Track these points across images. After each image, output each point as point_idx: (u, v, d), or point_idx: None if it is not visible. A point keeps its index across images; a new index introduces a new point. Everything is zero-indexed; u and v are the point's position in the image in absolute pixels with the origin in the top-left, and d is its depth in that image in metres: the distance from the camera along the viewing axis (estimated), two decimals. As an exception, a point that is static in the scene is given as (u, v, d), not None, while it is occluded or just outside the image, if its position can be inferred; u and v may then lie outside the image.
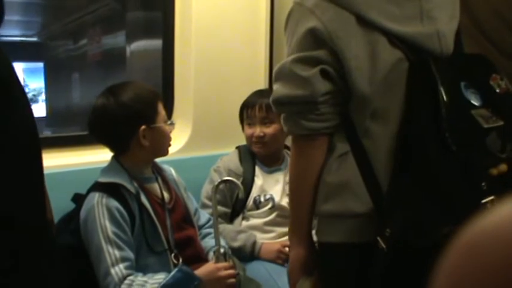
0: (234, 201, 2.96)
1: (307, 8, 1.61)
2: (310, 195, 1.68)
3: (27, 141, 1.02)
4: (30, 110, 1.02)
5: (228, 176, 2.91)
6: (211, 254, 2.54)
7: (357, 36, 1.58)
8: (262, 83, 3.49)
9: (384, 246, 1.53)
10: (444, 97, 1.54)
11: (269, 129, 3.00)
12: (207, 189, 2.99)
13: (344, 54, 1.56)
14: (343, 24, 1.58)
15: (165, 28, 3.37)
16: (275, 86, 1.66)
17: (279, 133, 3.01)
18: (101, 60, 4.56)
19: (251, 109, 3.03)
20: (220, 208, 2.86)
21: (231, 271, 2.43)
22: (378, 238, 1.54)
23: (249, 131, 3.03)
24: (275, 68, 1.67)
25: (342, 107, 1.62)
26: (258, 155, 3.05)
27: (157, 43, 3.53)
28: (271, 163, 3.07)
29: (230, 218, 2.97)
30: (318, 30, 1.57)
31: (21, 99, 0.99)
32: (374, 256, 1.56)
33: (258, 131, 3.00)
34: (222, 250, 2.49)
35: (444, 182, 1.54)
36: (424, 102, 1.58)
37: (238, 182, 2.67)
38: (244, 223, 2.96)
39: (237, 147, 3.09)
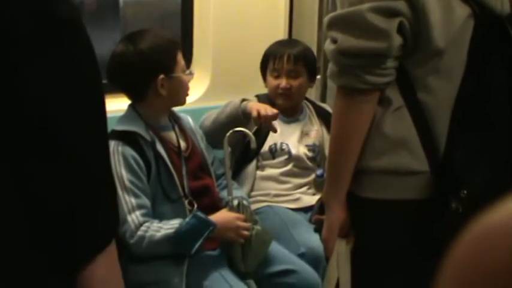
0: (241, 150, 2.93)
1: None
2: (358, 151, 1.60)
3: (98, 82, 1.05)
4: (94, 54, 1.04)
5: None
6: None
7: None
8: (282, 32, 3.45)
9: (460, 207, 1.49)
10: None
11: (295, 82, 2.95)
12: None
13: (425, 7, 1.48)
14: None
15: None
16: (338, 35, 1.53)
17: (304, 86, 2.98)
18: (95, 10, 4.53)
19: (278, 60, 2.96)
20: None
21: (243, 223, 2.46)
22: (451, 198, 1.50)
23: (274, 82, 2.97)
24: (334, 14, 1.55)
25: (401, 61, 1.56)
26: (279, 105, 2.97)
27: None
28: (292, 114, 3.05)
29: (239, 165, 2.94)
30: None
31: (87, 43, 1.01)
32: (443, 216, 1.51)
33: (284, 83, 2.94)
34: (235, 201, 2.51)
35: None
36: (495, 59, 1.54)
37: (250, 133, 2.64)
38: (259, 173, 2.95)
39: (256, 96, 3.05)
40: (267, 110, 2.67)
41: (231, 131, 2.61)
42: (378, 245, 1.68)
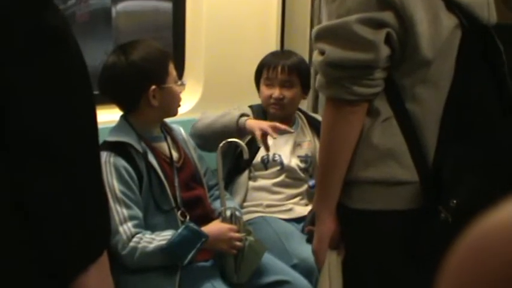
0: (233, 160, 2.93)
1: None
2: (347, 162, 1.60)
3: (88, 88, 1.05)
4: (84, 63, 1.04)
5: None
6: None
7: (420, 0, 1.52)
8: (274, 43, 3.46)
9: (449, 217, 1.49)
10: (506, 62, 1.52)
11: (289, 93, 2.96)
12: None
13: (412, 18, 1.49)
14: None
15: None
16: (325, 46, 1.54)
17: (297, 97, 2.98)
18: (89, 21, 4.53)
19: (272, 70, 2.96)
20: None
21: (236, 234, 2.45)
22: (440, 208, 1.51)
23: (267, 92, 2.98)
24: (321, 26, 1.57)
25: (389, 71, 1.57)
26: (271, 116, 3.00)
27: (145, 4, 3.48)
28: (284, 125, 3.04)
29: (231, 176, 2.94)
30: None
31: (77, 51, 1.01)
32: (434, 226, 1.51)
33: (277, 92, 2.95)
34: (228, 212, 2.50)
35: (507, 147, 1.52)
36: (481, 69, 1.55)
37: (243, 143, 2.64)
38: (251, 183, 2.95)
39: (250, 106, 3.04)
40: (269, 127, 2.67)
41: (224, 142, 2.60)
42: (368, 256, 1.67)
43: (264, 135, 2.65)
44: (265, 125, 2.70)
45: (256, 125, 2.71)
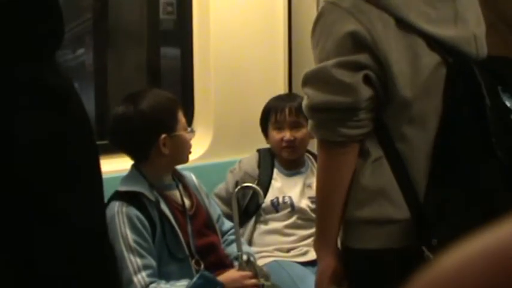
0: (245, 205, 2.93)
1: (344, 9, 1.55)
2: (342, 201, 1.63)
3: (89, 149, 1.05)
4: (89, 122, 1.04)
5: (243, 177, 2.92)
6: (236, 263, 2.53)
7: (397, 40, 1.54)
8: (281, 87, 3.48)
9: (431, 256, 1.50)
10: (488, 101, 1.52)
11: (298, 134, 2.96)
12: (220, 187, 3.00)
13: (387, 59, 1.52)
14: (384, 26, 1.54)
15: (183, 35, 3.38)
16: (309, 91, 1.59)
17: (306, 137, 2.99)
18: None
19: (280, 113, 2.98)
20: (225, 209, 2.85)
21: (252, 280, 2.43)
22: (424, 248, 1.51)
23: (277, 136, 2.98)
24: (306, 71, 1.61)
25: (377, 112, 1.59)
26: (281, 159, 3.02)
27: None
28: (294, 167, 3.05)
29: (240, 222, 2.93)
30: (360, 34, 1.52)
31: (80, 112, 1.01)
32: (417, 265, 1.51)
33: (288, 135, 2.96)
34: (245, 257, 2.48)
35: (487, 189, 1.53)
36: (466, 107, 1.56)
37: (258, 188, 2.65)
38: (263, 227, 2.94)
39: (258, 150, 3.08)
40: None
41: (239, 187, 2.61)
42: None
43: None
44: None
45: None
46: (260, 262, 2.76)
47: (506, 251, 0.39)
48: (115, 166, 2.63)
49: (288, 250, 2.93)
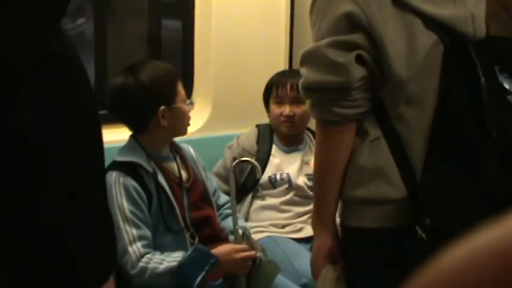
0: (243, 180, 2.94)
1: None
2: (339, 181, 1.64)
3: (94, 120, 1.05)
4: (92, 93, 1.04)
5: (241, 153, 2.92)
6: (232, 237, 2.54)
7: (393, 19, 1.53)
8: (282, 63, 3.47)
9: (424, 236, 1.51)
10: (483, 82, 1.52)
11: (299, 110, 2.96)
12: (218, 164, 3.01)
13: (382, 39, 1.52)
14: (380, 7, 1.53)
15: (184, 7, 3.36)
16: (304, 71, 1.60)
17: (306, 114, 2.98)
18: None
19: (281, 88, 2.99)
20: (223, 186, 2.86)
21: (247, 253, 2.43)
22: (417, 227, 1.52)
23: (277, 110, 2.99)
24: (302, 51, 1.61)
25: (374, 92, 1.58)
26: (280, 135, 3.03)
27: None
28: (292, 143, 3.06)
29: (237, 197, 2.94)
30: (355, 14, 1.51)
31: (85, 82, 1.02)
32: (412, 244, 1.53)
33: (287, 110, 2.97)
34: (240, 231, 2.49)
35: (483, 169, 1.53)
36: (462, 87, 1.56)
37: (256, 163, 2.66)
38: (260, 202, 2.96)
39: (257, 126, 3.08)
40: None
41: (236, 161, 2.62)
42: (362, 273, 1.70)
43: None
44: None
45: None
46: (255, 237, 2.76)
47: (509, 247, 0.39)
48: (113, 136, 2.63)
49: (283, 226, 2.95)
